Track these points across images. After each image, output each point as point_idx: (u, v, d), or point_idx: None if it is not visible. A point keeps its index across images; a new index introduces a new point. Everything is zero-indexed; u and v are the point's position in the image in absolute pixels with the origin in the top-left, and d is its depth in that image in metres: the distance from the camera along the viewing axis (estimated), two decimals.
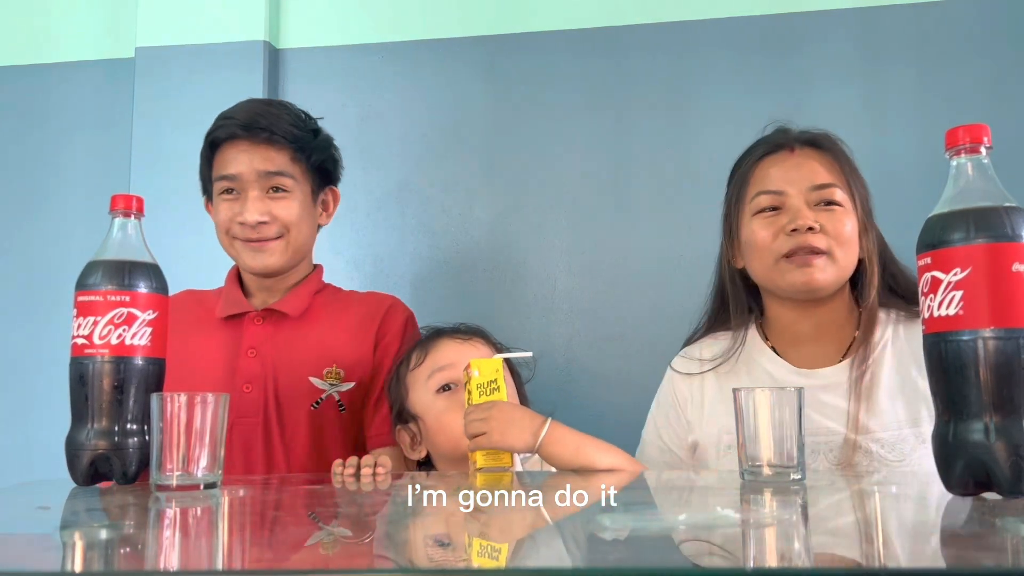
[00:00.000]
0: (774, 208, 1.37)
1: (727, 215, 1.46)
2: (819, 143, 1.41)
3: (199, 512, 0.93)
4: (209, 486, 1.02)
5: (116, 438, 1.10)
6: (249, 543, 0.80)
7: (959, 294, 0.84)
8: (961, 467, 0.86)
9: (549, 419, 1.24)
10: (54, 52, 2.33)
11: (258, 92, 2.15)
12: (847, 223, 1.35)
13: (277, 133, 1.53)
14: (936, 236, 0.87)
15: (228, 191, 1.54)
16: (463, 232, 2.11)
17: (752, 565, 0.66)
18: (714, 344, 1.48)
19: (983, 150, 0.92)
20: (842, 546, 0.73)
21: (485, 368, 1.28)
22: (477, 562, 0.71)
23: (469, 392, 1.29)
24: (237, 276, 1.64)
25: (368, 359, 1.58)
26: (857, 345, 1.37)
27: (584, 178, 2.07)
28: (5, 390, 2.22)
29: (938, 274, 0.85)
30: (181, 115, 2.16)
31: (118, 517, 0.95)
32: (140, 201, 1.18)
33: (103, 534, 0.83)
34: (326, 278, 1.70)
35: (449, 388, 1.41)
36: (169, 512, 0.93)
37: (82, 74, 2.30)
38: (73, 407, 1.12)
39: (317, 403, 1.53)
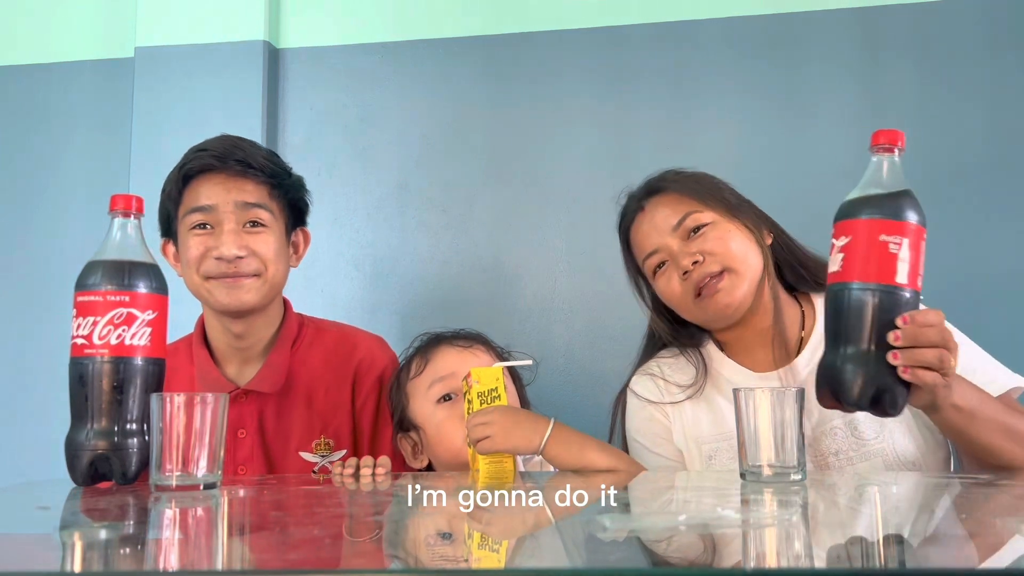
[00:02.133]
0: (662, 263, 1.41)
1: (635, 283, 1.51)
2: (657, 188, 1.44)
3: (199, 512, 0.93)
4: (209, 486, 1.02)
5: (116, 438, 1.10)
6: (249, 543, 0.80)
7: (841, 256, 1.07)
8: (824, 385, 1.08)
9: (552, 420, 1.24)
10: (54, 52, 2.33)
11: (258, 92, 2.15)
12: (727, 235, 1.37)
13: (254, 166, 1.44)
14: (838, 214, 1.10)
15: (201, 225, 1.43)
16: (463, 232, 2.11)
17: (752, 565, 0.66)
18: (674, 364, 1.47)
19: (896, 151, 1.10)
20: (842, 546, 0.73)
21: (485, 377, 1.28)
22: (477, 562, 0.71)
23: (469, 401, 1.28)
24: (203, 338, 1.54)
25: (350, 424, 1.53)
26: (802, 342, 1.40)
27: (584, 178, 2.07)
28: (5, 390, 2.22)
29: (833, 241, 1.09)
30: (181, 115, 2.16)
31: (118, 517, 0.95)
32: (140, 201, 1.18)
33: (103, 534, 0.83)
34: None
35: (449, 398, 1.40)
36: (169, 512, 0.93)
37: (82, 74, 2.30)
38: (73, 407, 1.12)
39: (313, 474, 1.49)
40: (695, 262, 1.35)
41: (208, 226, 1.44)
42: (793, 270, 1.44)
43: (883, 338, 1.04)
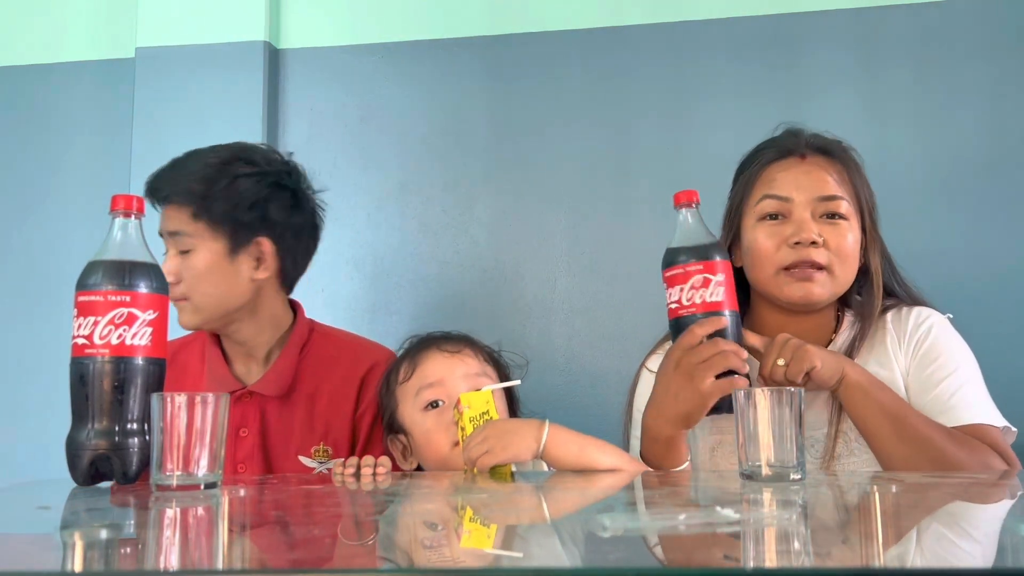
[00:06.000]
0: (778, 215, 1.37)
1: (730, 214, 1.46)
2: (830, 151, 1.39)
3: (199, 512, 0.93)
4: (209, 486, 1.02)
5: (116, 438, 1.10)
6: (249, 543, 0.80)
7: (722, 289, 1.26)
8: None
9: (547, 421, 1.24)
10: (54, 52, 2.33)
11: (258, 92, 2.15)
12: (849, 237, 1.35)
13: (170, 195, 1.47)
14: (704, 252, 1.27)
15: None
16: (463, 232, 2.11)
17: (752, 565, 0.66)
18: None
19: (695, 205, 1.30)
20: (842, 546, 0.73)
21: (476, 401, 1.29)
22: (475, 562, 0.72)
23: (462, 428, 1.29)
24: (216, 337, 1.56)
25: (349, 434, 1.54)
26: (838, 345, 1.40)
27: (584, 178, 2.07)
28: (5, 390, 2.22)
29: (708, 276, 1.26)
30: (181, 115, 2.16)
31: (118, 517, 0.95)
32: (140, 201, 1.18)
33: (103, 534, 0.83)
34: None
35: (436, 405, 1.39)
36: (169, 512, 0.94)
37: (82, 74, 2.30)
38: (73, 407, 1.12)
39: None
40: (813, 242, 1.33)
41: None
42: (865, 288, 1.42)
43: None
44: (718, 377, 1.21)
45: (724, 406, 1.23)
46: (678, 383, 1.23)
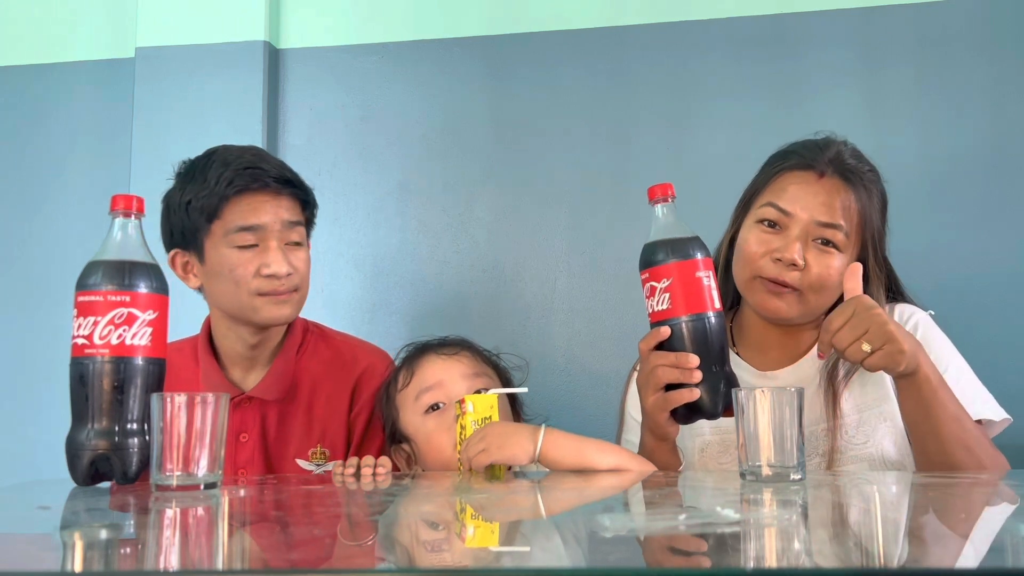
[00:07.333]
0: (776, 224, 1.36)
1: (741, 204, 1.45)
2: (849, 178, 1.36)
3: (199, 512, 0.93)
4: (209, 486, 1.02)
5: (116, 438, 1.10)
6: (249, 543, 0.80)
7: (668, 295, 1.21)
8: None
9: (544, 426, 1.24)
10: (54, 52, 2.32)
11: (258, 92, 2.15)
12: (835, 269, 1.33)
13: (293, 183, 1.48)
14: (647, 259, 1.24)
15: (251, 244, 1.44)
16: (463, 232, 2.11)
17: (752, 565, 0.66)
18: None
19: (670, 199, 1.25)
20: (842, 546, 0.73)
21: (480, 405, 1.29)
22: (476, 562, 0.72)
23: (463, 427, 1.29)
24: (209, 342, 1.55)
25: (345, 435, 1.55)
26: (813, 355, 1.39)
27: (584, 178, 2.07)
28: (5, 390, 2.22)
29: (653, 283, 1.22)
30: (181, 115, 2.16)
31: (118, 517, 0.95)
32: (140, 201, 1.18)
33: (103, 534, 0.83)
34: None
35: (438, 407, 1.39)
36: (169, 512, 0.94)
37: (82, 74, 2.30)
38: (73, 407, 1.12)
39: None
40: (793, 264, 1.32)
41: (255, 244, 1.44)
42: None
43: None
44: (668, 389, 1.20)
45: (680, 417, 1.22)
46: (641, 399, 1.25)
